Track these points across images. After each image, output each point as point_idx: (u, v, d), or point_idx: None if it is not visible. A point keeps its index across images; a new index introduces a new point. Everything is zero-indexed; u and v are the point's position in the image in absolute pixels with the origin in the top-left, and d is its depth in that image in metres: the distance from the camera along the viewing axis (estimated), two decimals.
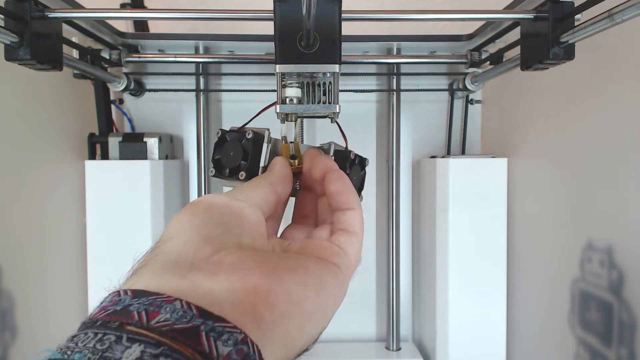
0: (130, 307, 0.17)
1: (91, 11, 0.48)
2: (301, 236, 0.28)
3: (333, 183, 0.27)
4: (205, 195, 0.24)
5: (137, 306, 0.17)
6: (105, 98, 0.71)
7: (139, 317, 0.16)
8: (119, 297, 0.18)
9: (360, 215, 0.27)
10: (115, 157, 0.69)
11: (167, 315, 0.16)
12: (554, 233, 0.58)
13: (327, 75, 0.35)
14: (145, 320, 0.16)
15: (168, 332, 0.16)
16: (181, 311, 0.17)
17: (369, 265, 0.79)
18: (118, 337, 0.15)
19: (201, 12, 0.48)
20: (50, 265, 0.62)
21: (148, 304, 0.17)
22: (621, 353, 0.45)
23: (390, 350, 0.76)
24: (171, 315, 0.16)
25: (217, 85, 0.76)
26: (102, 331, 0.16)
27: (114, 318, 0.16)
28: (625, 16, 0.35)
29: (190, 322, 0.16)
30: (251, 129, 0.30)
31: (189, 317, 0.16)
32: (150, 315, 0.16)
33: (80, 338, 0.16)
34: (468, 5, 0.65)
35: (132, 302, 0.17)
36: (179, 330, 0.16)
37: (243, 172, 0.29)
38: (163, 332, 0.16)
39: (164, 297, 0.17)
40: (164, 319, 0.16)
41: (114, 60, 0.66)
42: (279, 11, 0.34)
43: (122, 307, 0.17)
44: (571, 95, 0.54)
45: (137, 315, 0.16)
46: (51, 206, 0.63)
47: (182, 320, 0.16)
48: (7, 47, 0.42)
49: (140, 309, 0.17)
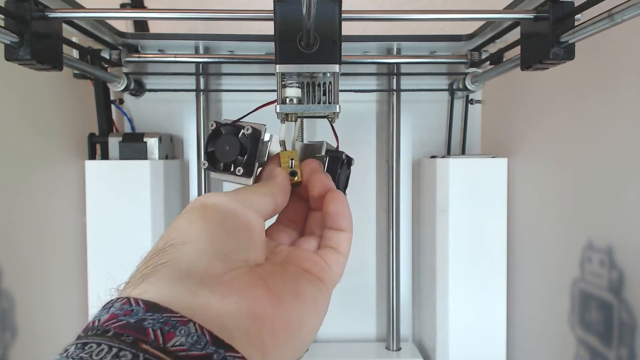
0: (145, 323, 0.17)
1: (91, 11, 0.48)
2: (286, 239, 0.29)
3: (333, 204, 0.27)
4: (214, 195, 0.24)
5: (152, 323, 0.17)
6: (105, 98, 0.71)
7: (154, 336, 0.16)
8: (131, 307, 0.17)
9: (350, 238, 0.28)
10: (116, 157, 0.69)
11: (182, 339, 0.16)
12: (554, 233, 0.58)
13: (327, 75, 0.35)
14: (161, 342, 0.16)
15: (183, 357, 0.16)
16: (195, 336, 0.17)
17: (369, 265, 0.79)
18: (135, 356, 0.15)
19: (201, 12, 0.48)
20: (50, 265, 0.62)
21: (163, 322, 0.17)
22: (621, 353, 0.45)
23: (390, 350, 0.76)
24: (186, 340, 0.17)
25: (217, 85, 0.76)
26: (116, 345, 0.16)
27: (128, 332, 0.16)
28: (625, 16, 0.35)
29: (204, 349, 0.17)
30: (250, 124, 0.30)
31: (202, 344, 0.17)
32: (166, 336, 0.16)
33: (94, 349, 0.16)
34: (468, 5, 0.65)
35: (145, 316, 0.17)
36: (194, 357, 0.16)
37: (240, 167, 0.29)
38: (179, 357, 0.16)
39: (177, 316, 0.17)
40: (179, 342, 0.16)
41: (114, 60, 0.66)
42: (279, 11, 0.34)
43: (136, 321, 0.17)
44: (571, 95, 0.54)
45: (153, 334, 0.16)
46: (51, 206, 0.63)
47: (196, 347, 0.16)
48: (7, 47, 0.42)
49: (156, 328, 0.17)
